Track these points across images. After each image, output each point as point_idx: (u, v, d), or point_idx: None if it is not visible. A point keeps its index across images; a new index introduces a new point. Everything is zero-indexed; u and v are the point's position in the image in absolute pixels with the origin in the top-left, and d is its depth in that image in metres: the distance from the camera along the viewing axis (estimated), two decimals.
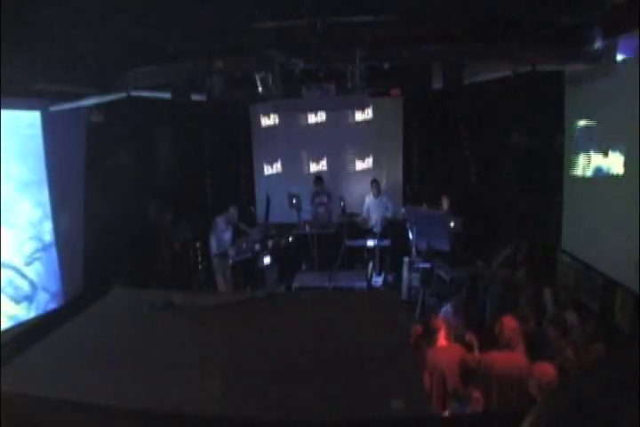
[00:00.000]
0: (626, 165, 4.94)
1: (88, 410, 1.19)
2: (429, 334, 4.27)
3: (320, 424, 1.16)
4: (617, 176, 5.13)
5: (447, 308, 5.48)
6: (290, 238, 8.47)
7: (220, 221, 7.55)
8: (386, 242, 7.99)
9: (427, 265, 6.99)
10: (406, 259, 7.41)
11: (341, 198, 8.78)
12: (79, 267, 6.82)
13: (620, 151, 5.04)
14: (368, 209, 8.53)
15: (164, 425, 1.19)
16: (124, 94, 5.98)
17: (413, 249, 7.16)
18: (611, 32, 4.80)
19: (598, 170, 5.56)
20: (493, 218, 7.74)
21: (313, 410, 1.19)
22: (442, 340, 4.22)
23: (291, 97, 6.55)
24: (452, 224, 7.09)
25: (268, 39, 5.16)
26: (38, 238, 6.20)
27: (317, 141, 9.39)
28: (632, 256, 4.68)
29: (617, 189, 5.15)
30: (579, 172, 6.09)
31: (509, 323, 4.12)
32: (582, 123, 5.99)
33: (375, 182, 8.59)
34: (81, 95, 6.00)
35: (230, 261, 7.49)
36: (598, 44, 4.90)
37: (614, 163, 5.17)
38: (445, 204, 7.71)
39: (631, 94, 4.61)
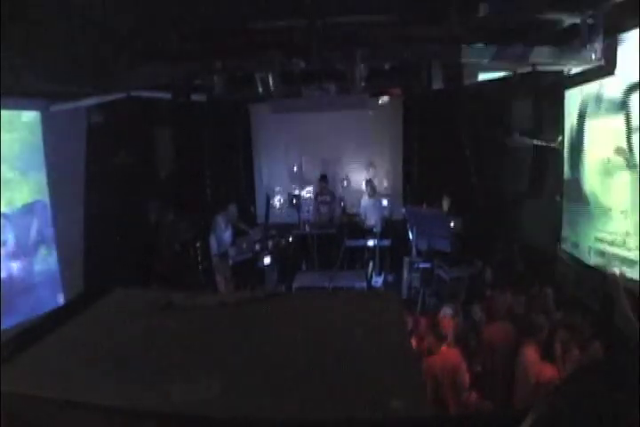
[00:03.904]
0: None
1: (88, 410, 1.19)
2: (436, 340, 4.25)
3: (320, 424, 1.16)
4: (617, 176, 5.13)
5: (445, 309, 5.45)
6: (290, 238, 8.47)
7: (221, 220, 7.55)
8: (386, 242, 7.99)
9: (427, 265, 6.99)
10: (406, 259, 7.41)
11: (341, 198, 8.78)
12: (79, 267, 6.82)
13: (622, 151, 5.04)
14: (364, 210, 8.54)
15: (163, 425, 1.19)
16: (123, 94, 5.99)
17: (413, 249, 7.17)
18: (611, 32, 4.80)
19: (598, 169, 5.56)
20: (493, 218, 7.74)
21: (313, 410, 1.19)
22: (443, 347, 4.23)
23: (291, 97, 6.55)
24: (452, 224, 7.09)
25: (268, 39, 5.16)
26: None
27: (317, 141, 9.39)
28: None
29: (616, 189, 5.16)
30: (578, 171, 6.09)
31: (495, 299, 4.60)
32: (582, 123, 5.98)
33: (370, 183, 8.59)
34: (81, 95, 6.00)
35: (230, 261, 7.49)
36: (598, 45, 4.90)
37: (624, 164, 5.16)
38: (446, 204, 7.71)
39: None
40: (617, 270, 3.01)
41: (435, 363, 3.97)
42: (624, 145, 4.98)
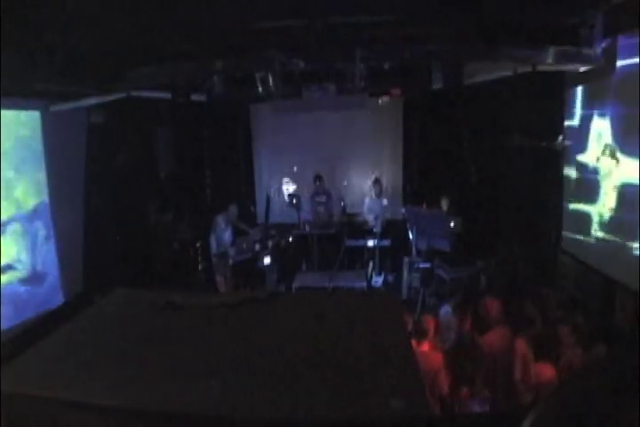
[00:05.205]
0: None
1: (88, 410, 1.19)
2: (418, 336, 4.26)
3: (320, 424, 1.16)
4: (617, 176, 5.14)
5: (446, 308, 5.46)
6: (290, 238, 8.47)
7: (221, 220, 7.55)
8: (386, 242, 7.98)
9: (427, 265, 6.99)
10: (406, 259, 7.40)
11: (341, 198, 8.78)
12: (79, 267, 6.82)
13: (621, 152, 5.05)
14: (369, 210, 8.53)
15: (164, 425, 1.19)
16: (123, 94, 5.99)
17: (413, 249, 7.16)
18: (611, 32, 4.80)
19: (597, 170, 5.56)
20: (493, 218, 7.74)
21: (313, 410, 1.19)
22: (425, 345, 4.24)
23: (291, 97, 6.55)
24: (452, 224, 7.09)
25: (268, 39, 5.16)
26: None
27: (317, 141, 9.39)
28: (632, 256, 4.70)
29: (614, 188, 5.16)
30: (577, 171, 6.10)
31: (492, 304, 4.48)
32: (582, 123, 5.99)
33: (378, 182, 8.58)
34: (81, 95, 6.00)
35: (230, 261, 7.49)
36: (598, 45, 4.90)
37: (614, 163, 5.17)
38: (445, 204, 7.71)
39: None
40: None
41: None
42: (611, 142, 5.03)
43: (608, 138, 5.24)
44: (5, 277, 5.60)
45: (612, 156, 5.06)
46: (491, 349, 4.21)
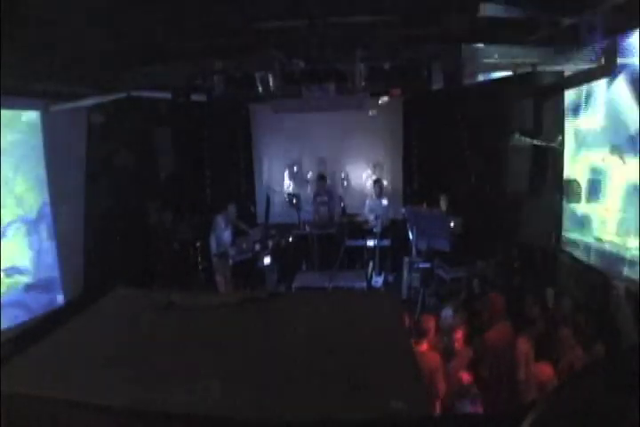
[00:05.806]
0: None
1: (88, 410, 1.19)
2: (417, 336, 4.25)
3: (320, 424, 1.16)
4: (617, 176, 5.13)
5: (447, 311, 5.43)
6: (290, 238, 8.47)
7: (221, 220, 7.55)
8: (386, 242, 7.98)
9: (427, 265, 6.99)
10: (406, 259, 7.40)
11: (341, 198, 8.78)
12: (79, 267, 6.81)
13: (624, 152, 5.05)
14: (370, 210, 8.53)
15: (164, 425, 1.19)
16: (123, 94, 5.99)
17: (413, 249, 7.16)
18: (611, 32, 4.80)
19: (597, 170, 5.56)
20: (493, 218, 7.74)
21: (313, 410, 1.19)
22: (423, 345, 4.23)
23: (291, 97, 6.54)
24: (452, 224, 7.09)
25: (268, 39, 5.16)
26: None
27: (318, 141, 9.39)
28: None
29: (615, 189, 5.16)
30: (577, 172, 6.09)
31: (497, 299, 4.50)
32: (581, 123, 5.98)
33: (378, 182, 8.60)
34: (81, 95, 6.00)
35: (230, 261, 7.49)
36: (598, 45, 4.90)
37: (619, 163, 5.17)
38: (444, 203, 7.72)
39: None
40: None
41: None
42: (619, 142, 5.01)
43: (613, 138, 5.22)
44: (11, 281, 5.59)
45: (619, 156, 5.04)
46: (494, 346, 4.20)
